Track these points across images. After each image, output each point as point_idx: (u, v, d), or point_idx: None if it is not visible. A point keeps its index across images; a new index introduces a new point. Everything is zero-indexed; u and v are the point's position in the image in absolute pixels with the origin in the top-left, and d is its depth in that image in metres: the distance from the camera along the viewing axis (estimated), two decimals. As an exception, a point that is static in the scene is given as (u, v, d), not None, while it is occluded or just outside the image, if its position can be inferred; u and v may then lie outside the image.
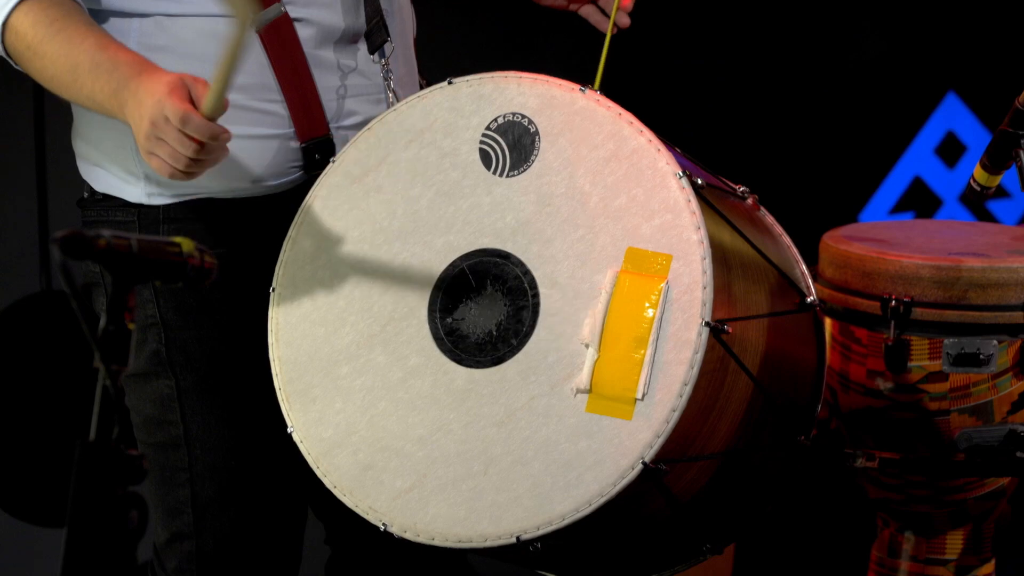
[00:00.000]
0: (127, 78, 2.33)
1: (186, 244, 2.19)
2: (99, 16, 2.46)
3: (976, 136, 5.23)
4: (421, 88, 2.69)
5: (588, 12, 2.77)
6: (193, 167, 2.29)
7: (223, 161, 2.43)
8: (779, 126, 5.16)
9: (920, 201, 5.36)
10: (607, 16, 2.74)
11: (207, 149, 2.27)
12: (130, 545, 3.52)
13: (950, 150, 5.36)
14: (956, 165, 5.34)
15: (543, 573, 2.54)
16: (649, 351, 2.28)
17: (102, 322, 2.07)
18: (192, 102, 2.26)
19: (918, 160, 5.37)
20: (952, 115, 5.36)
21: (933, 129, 5.36)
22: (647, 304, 2.29)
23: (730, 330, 2.31)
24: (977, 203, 5.15)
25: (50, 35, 2.37)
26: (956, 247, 3.11)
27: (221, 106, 2.25)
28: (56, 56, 2.37)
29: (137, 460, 2.16)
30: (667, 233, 2.31)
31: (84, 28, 2.39)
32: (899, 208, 5.35)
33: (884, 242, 3.13)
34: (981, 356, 3.00)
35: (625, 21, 2.68)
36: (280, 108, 2.49)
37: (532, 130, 2.40)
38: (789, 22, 5.16)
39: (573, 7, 2.79)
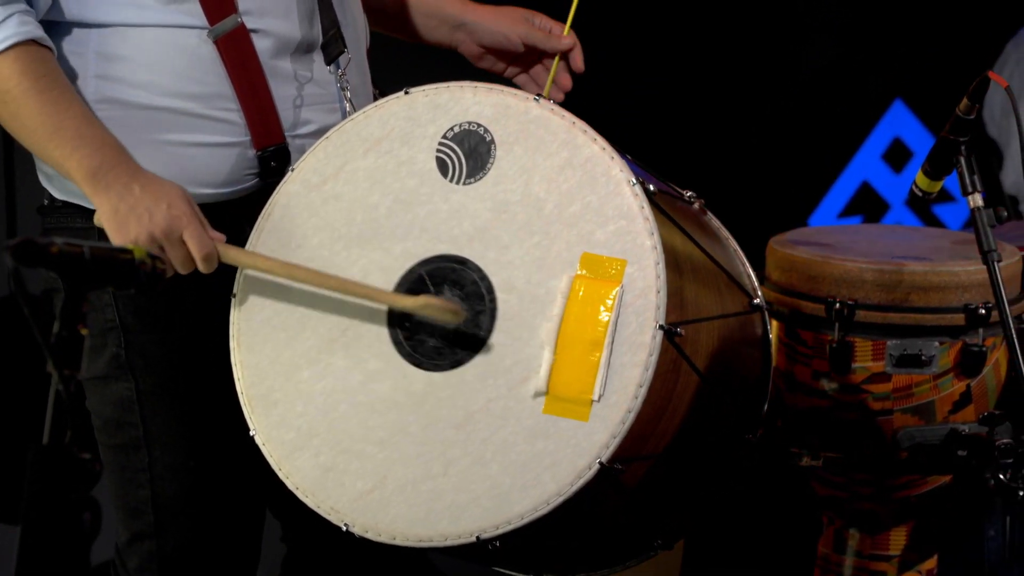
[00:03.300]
0: (116, 164, 2.40)
1: (138, 251, 2.21)
2: (59, 28, 2.48)
3: (922, 142, 5.32)
4: (374, 97, 2.73)
5: (522, 82, 2.85)
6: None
7: (182, 168, 2.49)
8: (732, 132, 5.22)
9: (868, 205, 5.43)
10: (540, 87, 2.82)
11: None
12: (84, 546, 3.55)
13: (897, 156, 5.44)
14: (903, 170, 5.41)
15: (501, 571, 2.59)
16: (604, 354, 2.32)
17: (55, 328, 2.08)
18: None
19: (866, 165, 5.44)
20: (899, 122, 5.44)
21: (881, 135, 5.44)
22: (602, 308, 2.33)
23: (683, 333, 2.36)
24: (923, 207, 5.21)
25: (36, 90, 2.39)
26: (899, 251, 3.11)
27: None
28: (36, 112, 2.39)
29: (89, 463, 2.17)
30: (621, 239, 2.35)
31: (70, 94, 2.43)
32: (848, 212, 5.42)
33: (828, 246, 3.14)
34: (923, 357, 3.01)
35: (559, 96, 2.76)
36: (237, 117, 2.52)
37: (488, 139, 2.44)
38: (741, 31, 5.21)
39: (507, 76, 2.86)
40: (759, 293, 2.69)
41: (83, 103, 2.44)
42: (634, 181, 2.37)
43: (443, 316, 2.38)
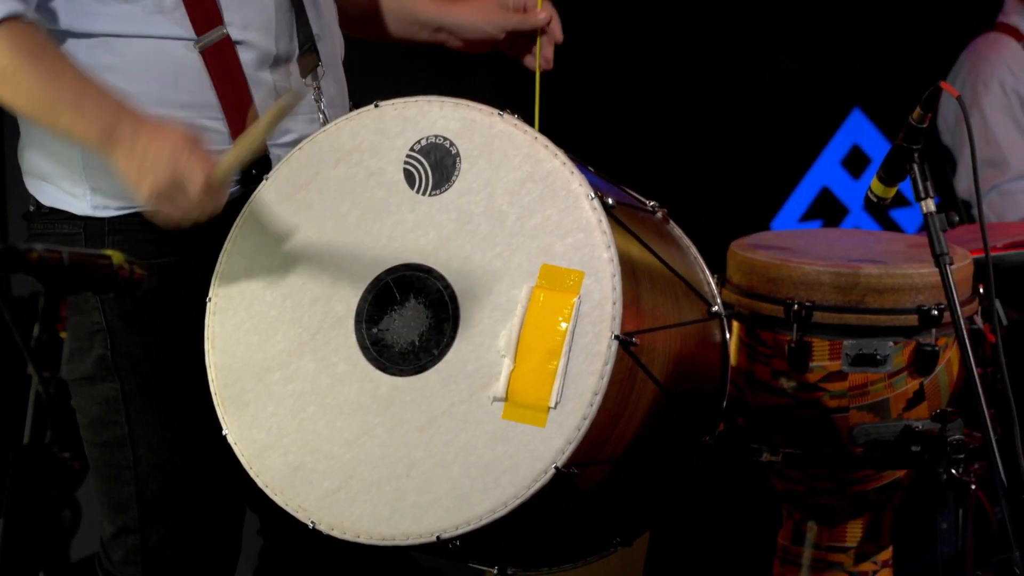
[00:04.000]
0: (118, 122, 2.41)
1: (116, 256, 2.27)
2: (53, 37, 2.51)
3: (880, 149, 5.34)
4: (351, 107, 2.79)
5: (516, 54, 2.92)
6: (197, 219, 2.43)
7: None
8: (698, 140, 5.25)
9: (828, 210, 5.45)
10: (531, 53, 2.88)
11: (215, 206, 2.44)
12: (63, 543, 3.63)
13: (856, 162, 5.47)
14: (861, 176, 5.44)
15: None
16: (562, 362, 2.37)
17: (36, 331, 2.13)
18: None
19: (826, 171, 5.47)
20: (857, 129, 5.47)
21: (840, 142, 5.47)
22: (560, 318, 2.38)
23: (638, 341, 2.41)
24: (880, 212, 5.24)
25: (28, 63, 2.41)
26: (855, 255, 3.12)
27: (234, 170, 2.43)
28: (33, 86, 2.41)
29: (69, 462, 2.22)
30: (579, 251, 2.40)
31: (63, 62, 2.45)
32: (808, 216, 5.44)
33: (787, 250, 3.15)
34: (878, 356, 3.03)
35: (548, 65, 2.84)
36: (221, 125, 2.58)
37: (453, 152, 2.49)
38: (706, 42, 5.23)
39: (499, 50, 2.92)
40: (718, 300, 2.73)
41: (76, 67, 2.46)
42: (592, 195, 2.42)
43: (290, 103, 2.43)
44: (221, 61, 2.57)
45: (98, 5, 2.53)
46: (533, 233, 2.44)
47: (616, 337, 2.37)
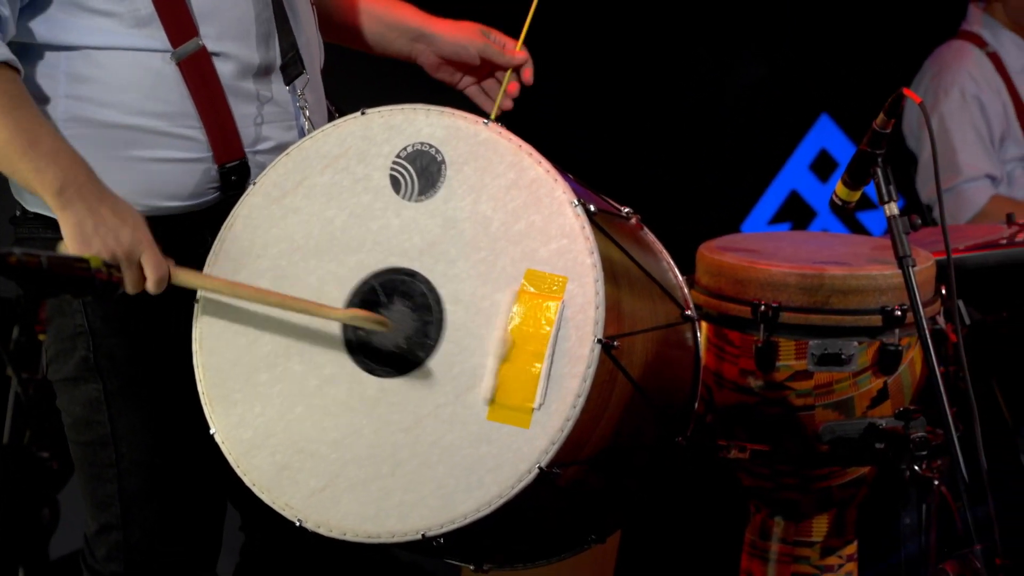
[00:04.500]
0: (87, 180, 2.46)
1: (94, 260, 2.30)
2: (31, 50, 2.56)
3: (847, 153, 5.39)
4: (330, 113, 2.83)
5: (473, 93, 2.95)
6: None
7: (147, 182, 2.59)
8: (669, 146, 5.28)
9: (796, 213, 5.50)
10: (490, 99, 2.92)
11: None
12: (43, 540, 3.65)
13: (823, 166, 5.53)
14: (829, 180, 5.49)
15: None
16: (545, 365, 2.41)
17: (15, 333, 2.15)
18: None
19: (794, 175, 5.52)
20: (825, 134, 5.53)
21: (808, 147, 5.53)
22: (544, 322, 2.43)
23: (619, 345, 2.46)
24: (847, 214, 5.29)
25: (9, 108, 2.44)
26: (820, 257, 3.16)
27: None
28: (10, 130, 2.44)
29: (48, 462, 2.25)
30: (563, 257, 2.45)
31: (40, 115, 2.49)
32: (777, 219, 5.49)
33: (754, 252, 3.19)
34: (843, 356, 3.08)
35: (508, 104, 2.86)
36: (199, 134, 2.62)
37: (439, 158, 2.53)
38: (678, 49, 5.26)
39: (460, 87, 2.96)
40: (690, 304, 2.78)
41: (50, 126, 2.51)
42: (576, 202, 2.46)
43: (372, 327, 2.48)
44: (198, 72, 2.61)
45: (77, 19, 2.56)
46: (517, 238, 2.48)
47: (599, 341, 2.41)
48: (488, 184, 2.51)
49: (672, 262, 2.82)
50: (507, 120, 2.76)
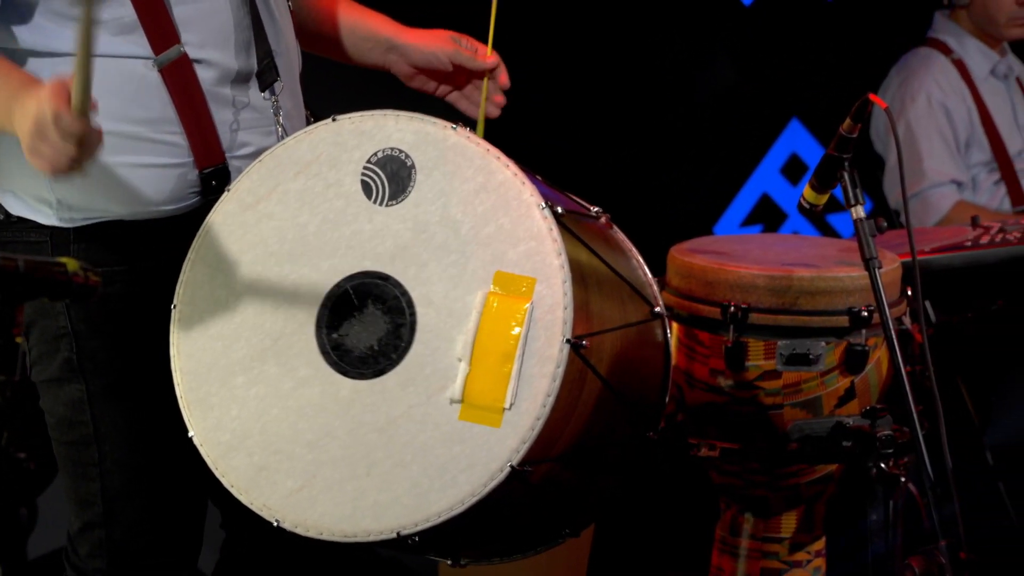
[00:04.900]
0: (16, 90, 2.47)
1: (71, 264, 2.34)
2: (16, 56, 2.60)
3: (817, 157, 5.32)
4: (307, 119, 2.86)
5: (455, 100, 2.98)
6: (74, 165, 2.39)
7: (130, 187, 2.62)
8: (644, 149, 5.30)
9: (767, 215, 5.53)
10: (472, 103, 2.94)
11: (84, 146, 2.37)
12: (21, 539, 3.68)
13: (794, 170, 5.56)
14: (799, 183, 5.52)
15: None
16: (516, 365, 2.46)
17: None
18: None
19: (765, 179, 5.55)
20: (796, 139, 5.56)
21: (779, 151, 5.56)
22: (514, 323, 2.47)
23: (588, 344, 2.50)
24: (817, 216, 5.34)
25: None
26: (788, 259, 3.19)
27: (87, 101, 2.35)
28: None
29: (25, 463, 2.28)
30: (531, 258, 2.49)
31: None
32: (749, 221, 5.52)
33: (724, 254, 3.21)
34: (810, 356, 3.09)
35: (494, 112, 2.90)
36: (180, 140, 2.66)
37: (409, 163, 2.56)
38: (651, 53, 5.27)
39: (439, 95, 2.99)
40: (660, 301, 2.81)
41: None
42: (543, 205, 2.50)
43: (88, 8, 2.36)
44: (180, 78, 2.64)
45: (62, 27, 2.60)
46: (487, 241, 2.51)
47: (568, 341, 2.45)
48: (457, 188, 2.55)
49: (641, 260, 2.85)
50: (486, 122, 2.81)
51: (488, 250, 2.52)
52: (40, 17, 2.60)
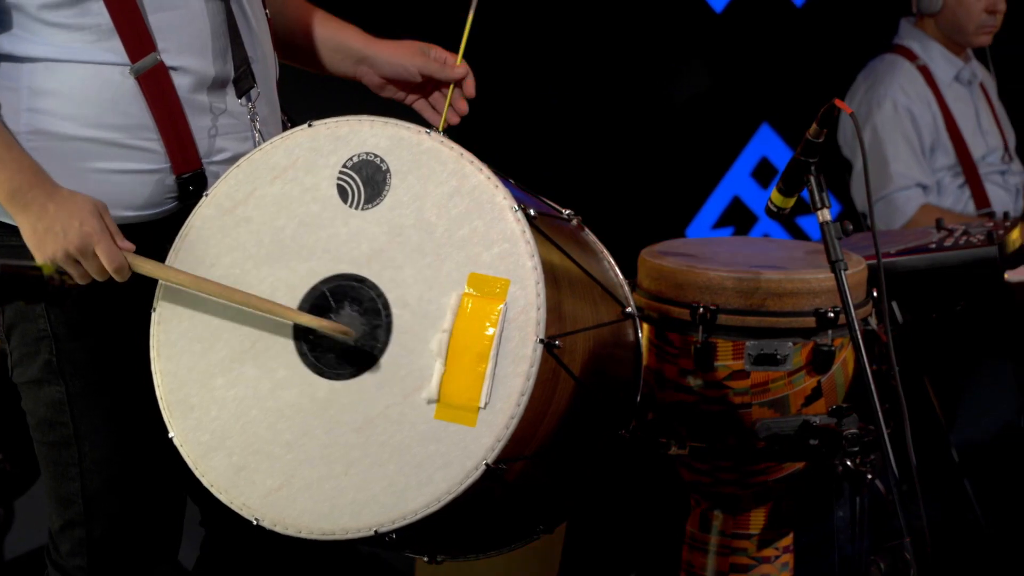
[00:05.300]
0: (32, 185, 2.55)
1: (47, 267, 2.37)
2: None
3: (786, 161, 5.49)
4: (284, 124, 2.89)
5: (421, 107, 3.01)
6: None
7: (107, 193, 2.65)
8: (615, 152, 5.31)
9: (738, 218, 5.57)
10: (438, 112, 2.97)
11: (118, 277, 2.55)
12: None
13: (764, 173, 5.60)
14: (769, 186, 5.55)
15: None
16: (490, 365, 2.49)
17: None
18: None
19: (736, 182, 5.59)
20: (766, 143, 5.61)
21: (749, 155, 5.60)
22: (488, 323, 2.50)
23: (561, 344, 2.53)
24: (787, 219, 5.39)
25: None
26: (756, 261, 3.22)
27: None
28: None
29: (1, 464, 2.30)
30: (505, 260, 2.52)
31: None
32: (720, 224, 5.55)
33: (693, 257, 3.24)
34: (778, 356, 3.12)
35: (454, 118, 2.92)
36: (157, 146, 2.68)
37: (384, 168, 2.59)
38: (623, 57, 5.28)
39: (408, 103, 3.02)
40: (631, 302, 2.85)
41: (4, 130, 2.59)
42: (516, 207, 2.53)
43: (335, 334, 2.56)
44: (156, 85, 2.67)
45: (39, 34, 2.63)
46: (461, 244, 2.55)
47: (541, 341, 2.49)
48: (431, 192, 2.58)
49: (613, 261, 2.89)
50: (456, 127, 2.84)
51: (462, 252, 2.55)
52: (18, 24, 2.62)
